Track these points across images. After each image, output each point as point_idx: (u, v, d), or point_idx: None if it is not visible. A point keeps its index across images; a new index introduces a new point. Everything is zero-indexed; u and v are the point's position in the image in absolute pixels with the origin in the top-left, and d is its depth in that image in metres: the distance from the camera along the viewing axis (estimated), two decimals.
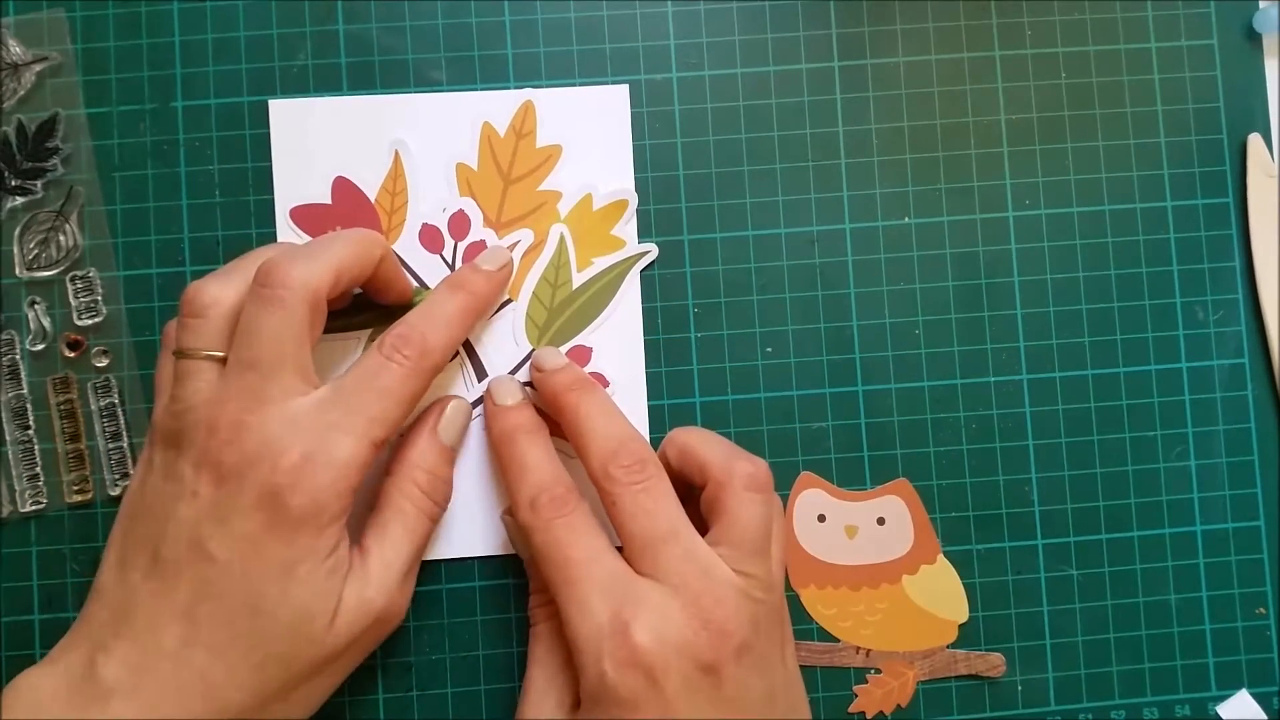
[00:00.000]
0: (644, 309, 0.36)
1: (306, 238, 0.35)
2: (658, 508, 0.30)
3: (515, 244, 0.36)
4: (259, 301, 0.29)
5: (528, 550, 0.33)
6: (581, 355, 0.36)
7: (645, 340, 0.36)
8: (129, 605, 0.29)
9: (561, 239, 0.36)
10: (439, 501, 0.33)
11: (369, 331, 0.35)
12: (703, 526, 0.31)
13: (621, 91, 0.36)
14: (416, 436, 0.33)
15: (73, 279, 0.35)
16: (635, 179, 0.36)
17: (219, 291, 0.30)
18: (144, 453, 0.31)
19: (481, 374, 0.35)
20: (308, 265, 0.30)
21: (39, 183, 0.35)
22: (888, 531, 0.36)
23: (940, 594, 0.36)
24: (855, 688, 0.36)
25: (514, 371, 0.36)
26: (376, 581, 0.30)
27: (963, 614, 0.36)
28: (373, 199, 0.36)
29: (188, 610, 0.28)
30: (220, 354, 0.30)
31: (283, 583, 0.28)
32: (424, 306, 0.32)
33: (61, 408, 0.35)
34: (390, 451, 0.33)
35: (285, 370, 0.29)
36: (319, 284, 0.30)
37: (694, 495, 0.33)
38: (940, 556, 0.36)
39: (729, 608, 0.29)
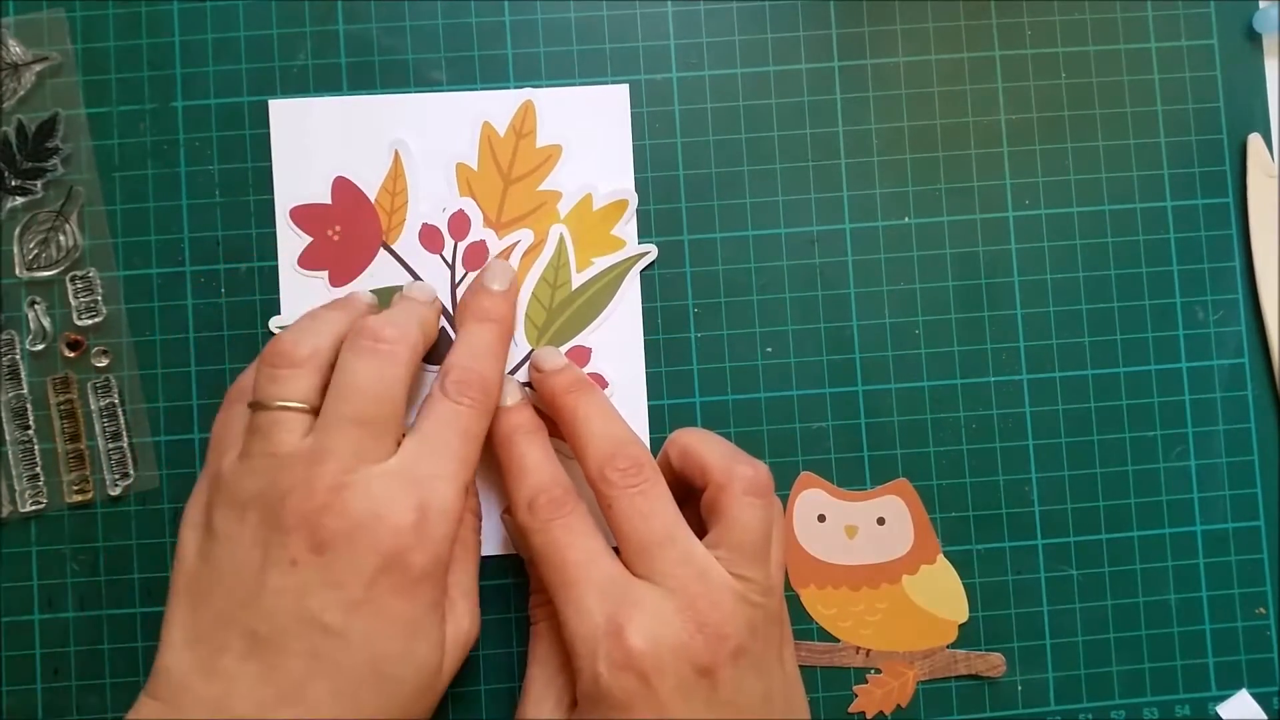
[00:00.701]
0: (644, 309, 0.36)
1: (307, 238, 0.35)
2: (654, 510, 0.30)
3: (515, 244, 0.36)
4: (368, 355, 0.29)
5: (527, 550, 0.33)
6: (581, 355, 0.36)
7: (645, 340, 0.36)
8: (226, 694, 0.27)
9: (561, 239, 0.36)
10: (480, 514, 0.34)
11: None
12: (702, 529, 0.31)
13: (621, 91, 0.36)
14: None
15: (73, 279, 0.35)
16: (635, 179, 0.36)
17: (317, 341, 0.30)
18: (196, 517, 0.29)
19: None
20: (405, 322, 0.31)
21: (39, 183, 0.35)
22: (888, 531, 0.36)
23: (940, 594, 0.36)
24: (855, 688, 0.36)
25: (514, 372, 0.36)
26: (463, 612, 0.30)
27: (963, 614, 0.36)
28: (373, 199, 0.36)
29: (298, 689, 0.27)
30: (312, 407, 0.29)
31: (406, 641, 0.28)
32: (465, 345, 0.32)
33: (61, 408, 0.35)
34: None
35: (393, 427, 0.29)
36: (421, 340, 0.31)
37: (695, 497, 0.33)
38: (940, 556, 0.36)
39: (725, 611, 0.29)
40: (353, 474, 0.28)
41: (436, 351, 0.35)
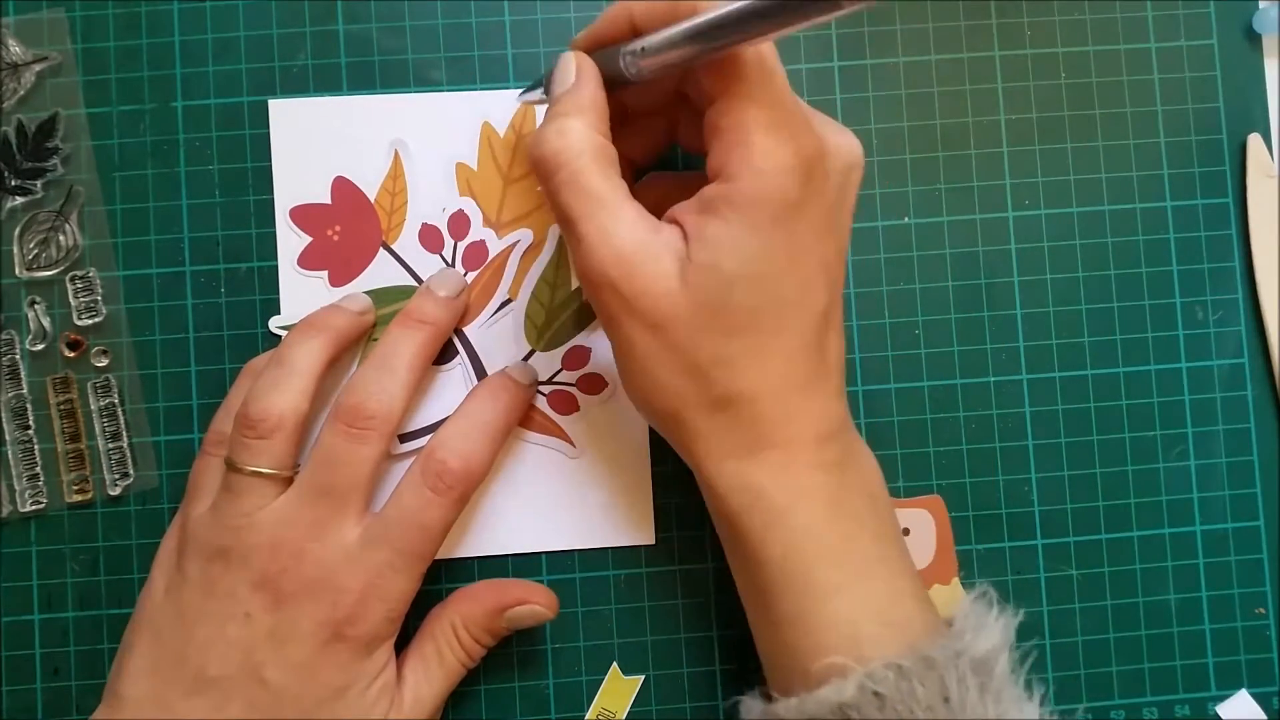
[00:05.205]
0: None
1: (307, 238, 0.35)
2: None
3: (514, 244, 0.36)
4: (347, 438, 0.30)
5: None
6: (581, 355, 0.36)
7: None
8: None
9: (561, 239, 0.36)
10: (475, 659, 0.33)
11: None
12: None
13: None
14: (484, 602, 0.33)
15: (73, 279, 0.35)
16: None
17: (285, 404, 0.30)
18: (167, 559, 0.31)
19: (481, 374, 0.35)
20: (389, 396, 0.31)
21: (39, 183, 0.35)
22: (910, 544, 0.35)
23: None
24: None
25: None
26: (408, 711, 0.31)
27: None
28: (372, 199, 0.36)
29: None
30: (282, 473, 0.30)
31: (333, 705, 0.29)
32: (462, 420, 0.33)
33: (61, 408, 0.35)
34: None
35: (357, 500, 0.30)
36: (401, 414, 0.31)
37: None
38: (956, 580, 0.36)
39: None
40: (314, 541, 0.30)
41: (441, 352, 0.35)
